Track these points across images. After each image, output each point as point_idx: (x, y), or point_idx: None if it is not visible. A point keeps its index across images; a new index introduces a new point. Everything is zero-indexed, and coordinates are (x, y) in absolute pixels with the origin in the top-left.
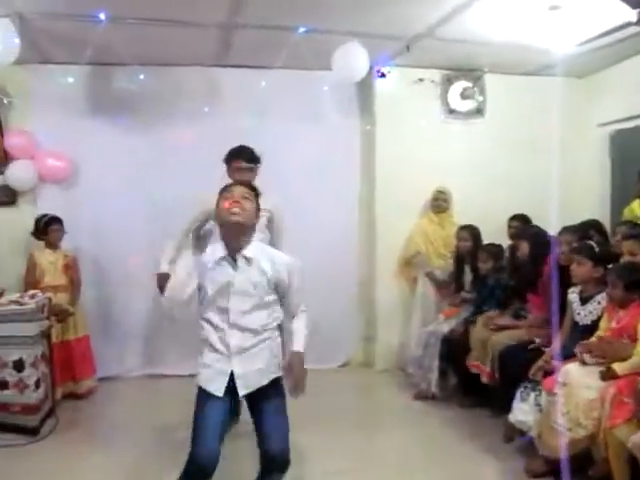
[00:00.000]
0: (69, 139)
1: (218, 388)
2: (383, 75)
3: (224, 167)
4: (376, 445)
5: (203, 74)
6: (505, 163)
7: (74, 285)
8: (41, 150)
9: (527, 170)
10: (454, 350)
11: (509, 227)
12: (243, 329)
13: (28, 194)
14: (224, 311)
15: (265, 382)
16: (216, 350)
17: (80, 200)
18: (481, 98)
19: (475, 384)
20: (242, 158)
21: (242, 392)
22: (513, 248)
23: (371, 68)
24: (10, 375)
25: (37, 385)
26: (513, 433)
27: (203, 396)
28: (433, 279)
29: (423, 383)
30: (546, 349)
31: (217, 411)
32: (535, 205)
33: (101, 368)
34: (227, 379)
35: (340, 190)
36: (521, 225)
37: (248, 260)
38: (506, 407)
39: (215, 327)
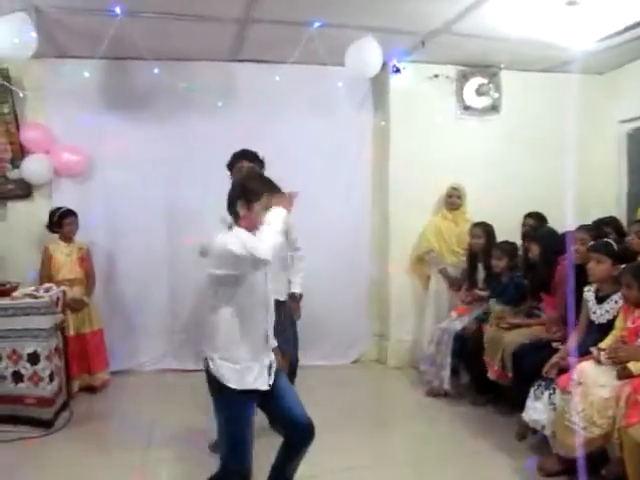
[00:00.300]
0: (84, 133)
1: (265, 382)
2: (398, 70)
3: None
4: (387, 442)
5: (218, 69)
6: (520, 160)
7: (89, 278)
8: (57, 144)
9: (542, 167)
10: (467, 347)
11: (523, 225)
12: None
13: (43, 188)
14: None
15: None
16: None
17: (95, 194)
18: (497, 95)
19: (487, 382)
20: (246, 158)
21: (271, 381)
22: (526, 247)
23: (386, 64)
24: (25, 368)
25: (51, 378)
26: (526, 431)
27: (243, 397)
28: (446, 276)
29: (435, 380)
30: (560, 347)
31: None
32: (550, 203)
33: (114, 362)
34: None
35: (353, 186)
36: (536, 223)
37: None
38: (519, 405)
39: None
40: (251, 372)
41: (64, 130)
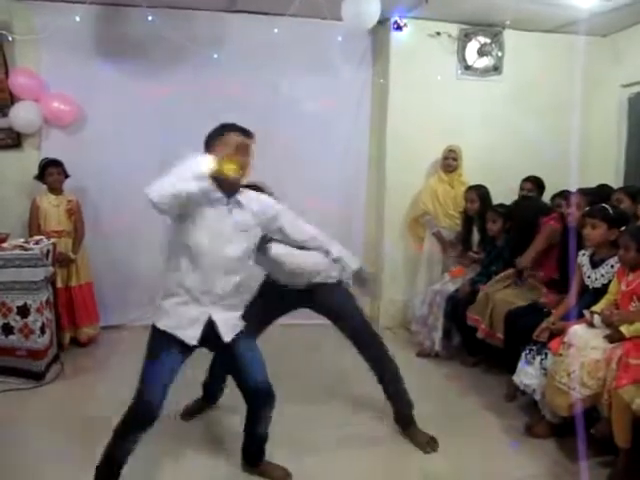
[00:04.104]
0: (75, 81)
1: (191, 336)
2: (399, 28)
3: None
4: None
5: (214, 19)
6: (520, 122)
7: (77, 231)
8: (47, 92)
9: (542, 130)
10: (459, 309)
11: (521, 189)
12: None
13: (33, 138)
14: None
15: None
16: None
17: (86, 145)
18: (499, 55)
19: (478, 343)
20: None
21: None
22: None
23: (387, 20)
24: (15, 320)
25: (42, 330)
26: (515, 392)
27: (163, 340)
28: (440, 239)
29: (427, 341)
30: (553, 311)
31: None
32: (549, 165)
33: (106, 316)
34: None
35: (349, 145)
36: (533, 187)
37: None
38: (509, 367)
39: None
40: (179, 315)
41: (55, 77)
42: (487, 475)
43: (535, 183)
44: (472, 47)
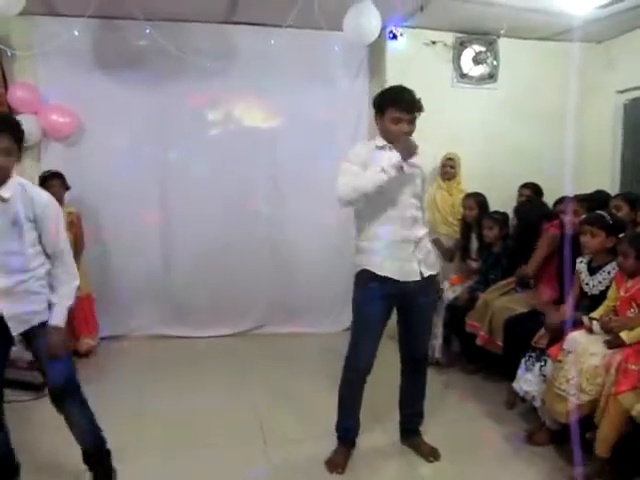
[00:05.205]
0: (74, 94)
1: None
2: (395, 37)
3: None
4: (375, 408)
5: (212, 31)
6: (516, 130)
7: (77, 243)
8: (45, 105)
9: (538, 137)
10: (458, 317)
11: (520, 195)
12: None
13: (32, 150)
14: None
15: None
16: None
17: (85, 157)
18: (494, 63)
19: (477, 350)
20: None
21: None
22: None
23: (383, 29)
24: None
25: None
26: (515, 400)
27: None
28: (439, 247)
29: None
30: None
31: None
32: (546, 173)
33: (105, 327)
34: None
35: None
36: (532, 194)
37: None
38: (510, 374)
39: None
40: None
41: (53, 91)
42: None
43: (533, 189)
44: (467, 55)
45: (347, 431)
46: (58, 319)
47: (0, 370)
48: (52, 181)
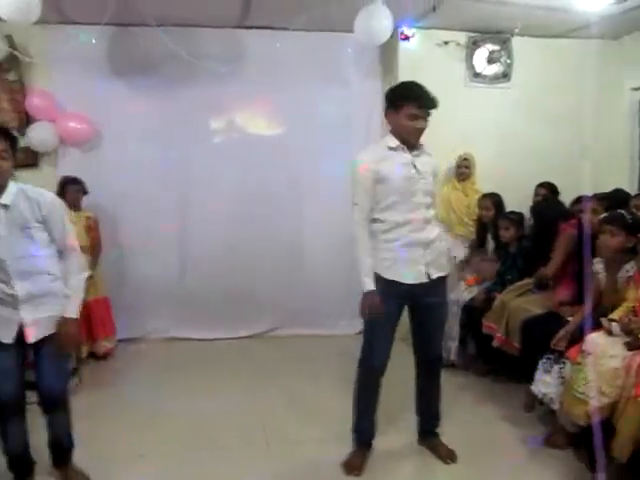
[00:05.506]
0: (91, 101)
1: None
2: (407, 38)
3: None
4: (390, 411)
5: (225, 36)
6: (531, 129)
7: (94, 247)
8: (62, 112)
9: (554, 136)
10: (475, 318)
11: (536, 195)
12: None
13: (50, 156)
14: None
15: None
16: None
17: (101, 162)
18: (508, 62)
19: (494, 352)
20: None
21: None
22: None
23: (395, 30)
24: None
25: None
26: (534, 402)
27: None
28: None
29: (442, 351)
30: (570, 319)
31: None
32: (562, 172)
33: (122, 330)
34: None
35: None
36: (548, 193)
37: None
38: (527, 376)
39: None
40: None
41: (70, 98)
42: None
43: (549, 189)
44: (481, 54)
45: (362, 433)
46: (72, 311)
47: (20, 374)
48: (71, 186)
